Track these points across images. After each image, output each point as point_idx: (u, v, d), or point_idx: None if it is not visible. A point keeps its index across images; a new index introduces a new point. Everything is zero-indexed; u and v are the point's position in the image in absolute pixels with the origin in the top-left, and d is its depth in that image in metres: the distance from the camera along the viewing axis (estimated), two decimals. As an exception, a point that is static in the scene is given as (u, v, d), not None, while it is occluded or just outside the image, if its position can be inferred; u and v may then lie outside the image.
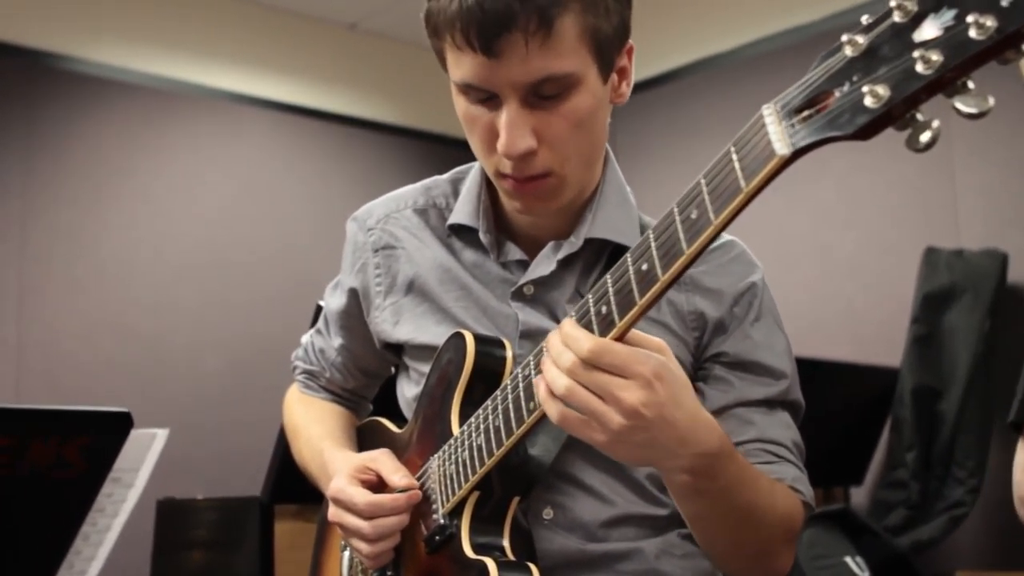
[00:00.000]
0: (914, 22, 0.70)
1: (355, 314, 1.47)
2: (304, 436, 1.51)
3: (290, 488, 2.41)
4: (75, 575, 1.51)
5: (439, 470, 1.25)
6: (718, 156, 0.84)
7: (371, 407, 1.63)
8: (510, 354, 1.25)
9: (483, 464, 1.15)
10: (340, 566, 1.45)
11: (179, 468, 2.83)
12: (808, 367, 1.41)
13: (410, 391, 1.39)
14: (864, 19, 0.74)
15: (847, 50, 0.74)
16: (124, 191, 4.18)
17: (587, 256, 1.30)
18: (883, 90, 0.70)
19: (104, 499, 1.52)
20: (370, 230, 1.43)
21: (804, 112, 0.77)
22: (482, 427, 1.16)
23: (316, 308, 2.02)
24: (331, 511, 1.30)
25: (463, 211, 1.35)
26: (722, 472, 1.05)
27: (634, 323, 0.96)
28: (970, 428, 3.18)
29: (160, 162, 4.28)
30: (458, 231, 1.36)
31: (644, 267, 0.92)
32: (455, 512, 1.21)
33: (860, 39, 0.73)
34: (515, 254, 1.32)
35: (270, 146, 4.60)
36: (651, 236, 0.92)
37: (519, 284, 1.30)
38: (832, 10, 3.87)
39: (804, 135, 0.77)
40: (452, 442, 1.23)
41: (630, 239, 1.28)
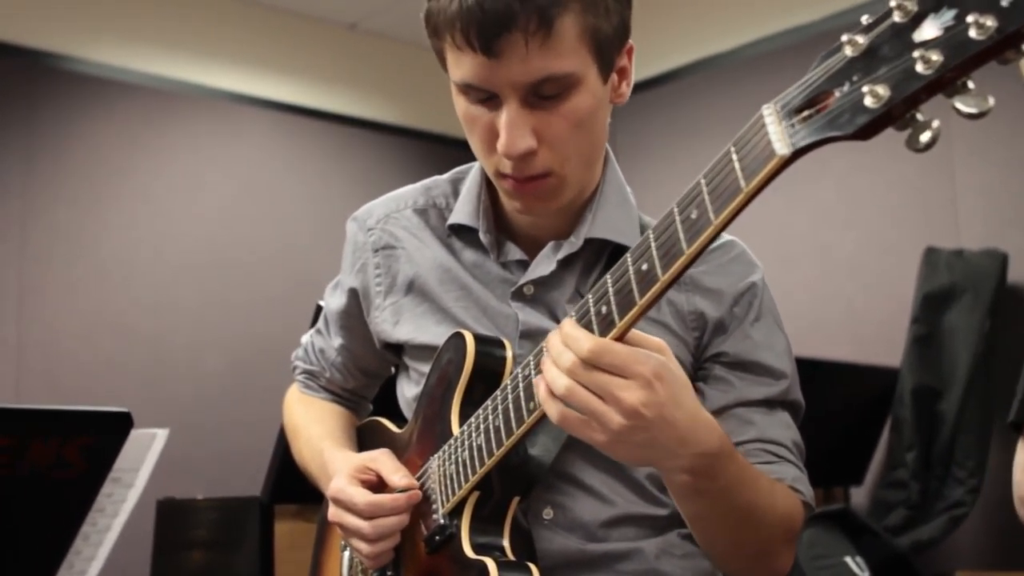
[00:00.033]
0: (914, 22, 0.70)
1: (355, 314, 1.47)
2: (304, 436, 1.51)
3: (290, 488, 2.41)
4: (75, 575, 1.51)
5: (439, 470, 1.25)
6: (718, 156, 0.84)
7: (371, 407, 1.63)
8: (510, 354, 1.25)
9: (483, 464, 1.15)
10: (340, 566, 1.45)
11: (179, 468, 2.83)
12: (808, 367, 1.42)
13: (410, 391, 1.39)
14: (864, 19, 0.74)
15: (847, 50, 0.74)
16: (124, 191, 4.18)
17: (587, 256, 1.30)
18: (883, 90, 0.70)
19: (104, 499, 1.52)
20: (370, 230, 1.43)
21: (804, 112, 0.77)
22: (482, 427, 1.16)
23: (316, 308, 2.02)
24: (331, 511, 1.30)
25: (463, 211, 1.35)
26: (722, 472, 1.05)
27: (634, 323, 0.96)
28: (970, 428, 3.18)
29: (160, 162, 4.28)
30: (458, 231, 1.36)
31: (644, 267, 0.92)
32: (455, 512, 1.21)
33: (860, 39, 0.73)
34: (515, 254, 1.32)
35: (270, 146, 4.60)
36: (651, 236, 0.92)
37: (519, 284, 1.29)
38: (832, 10, 3.87)
39: (804, 135, 0.77)
40: (452, 442, 1.23)
41: (630, 239, 1.28)
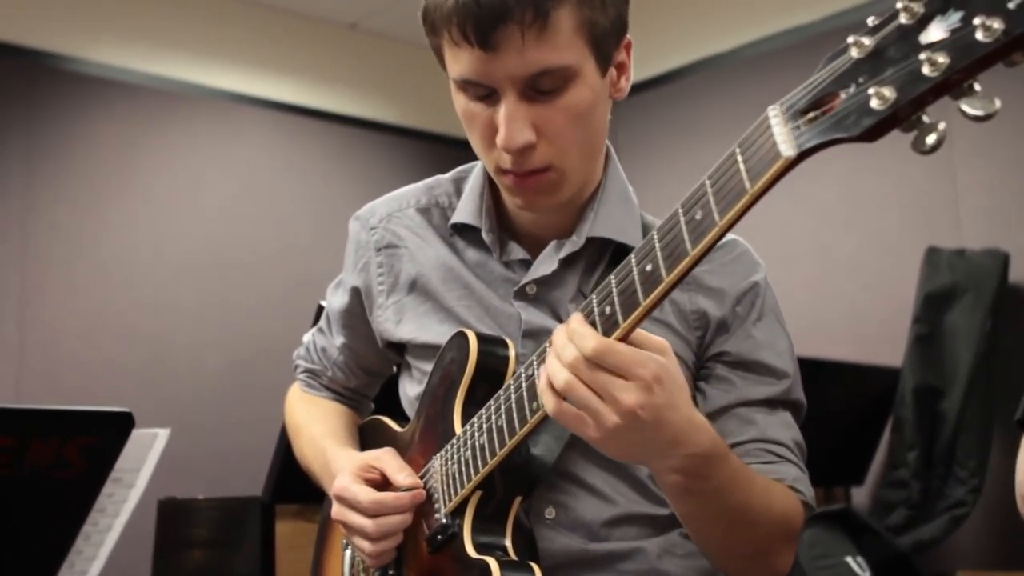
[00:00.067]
0: (920, 24, 0.70)
1: (357, 313, 1.47)
2: (306, 435, 1.51)
3: (291, 488, 2.41)
4: (76, 575, 1.51)
5: (441, 469, 1.25)
6: (723, 157, 0.84)
7: (372, 406, 1.63)
8: (513, 353, 1.25)
9: (485, 464, 1.15)
10: (342, 565, 1.45)
11: (180, 468, 2.83)
12: (809, 367, 1.41)
13: (412, 390, 1.39)
14: (870, 21, 0.74)
15: (853, 52, 0.74)
16: (124, 191, 4.17)
17: (589, 255, 1.30)
18: (889, 92, 0.70)
19: (105, 499, 1.52)
20: (373, 229, 1.43)
21: (810, 114, 0.77)
22: (484, 427, 1.16)
23: (317, 308, 2.02)
24: (334, 509, 1.30)
25: (466, 210, 1.35)
26: (714, 473, 1.06)
27: (638, 324, 0.96)
28: (971, 428, 3.18)
29: (160, 162, 4.28)
30: (461, 230, 1.36)
31: (648, 268, 0.92)
32: (457, 511, 1.21)
33: (866, 41, 0.73)
34: (518, 253, 1.32)
35: (270, 146, 4.59)
36: (655, 237, 0.92)
37: (522, 283, 1.29)
38: (832, 10, 3.87)
39: (810, 137, 0.77)
40: (454, 441, 1.23)
41: (632, 238, 1.29)
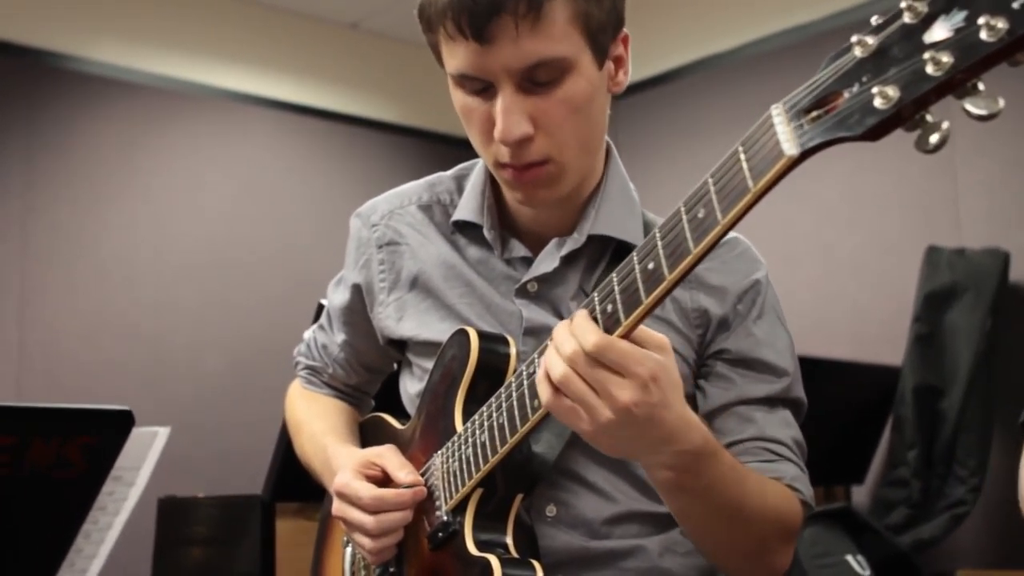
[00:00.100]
0: (924, 23, 0.70)
1: (358, 310, 1.47)
2: (307, 432, 1.51)
3: (291, 486, 2.41)
4: (77, 573, 1.51)
5: (442, 467, 1.25)
6: (726, 155, 0.84)
7: (373, 403, 1.63)
8: (514, 351, 1.25)
9: (487, 461, 1.15)
10: (342, 562, 1.45)
11: (180, 466, 2.83)
12: (809, 365, 1.41)
13: (413, 387, 1.39)
14: (874, 20, 0.74)
15: (857, 51, 0.74)
16: (125, 190, 4.17)
17: (590, 252, 1.30)
18: (893, 91, 0.70)
19: (105, 497, 1.52)
20: (374, 226, 1.43)
21: (813, 112, 0.77)
22: (486, 424, 1.16)
23: (317, 307, 2.02)
24: (335, 505, 1.30)
25: (467, 207, 1.35)
26: (705, 470, 1.06)
27: (640, 322, 0.96)
28: (972, 427, 3.18)
29: (161, 161, 4.27)
30: (462, 227, 1.36)
31: (650, 266, 0.93)
32: (458, 509, 1.21)
33: (870, 40, 0.73)
34: (519, 251, 1.32)
35: (271, 145, 4.59)
36: (657, 235, 0.92)
37: (523, 281, 1.30)
38: (832, 10, 3.87)
39: (813, 136, 0.77)
40: (455, 439, 1.23)
41: (633, 236, 1.29)
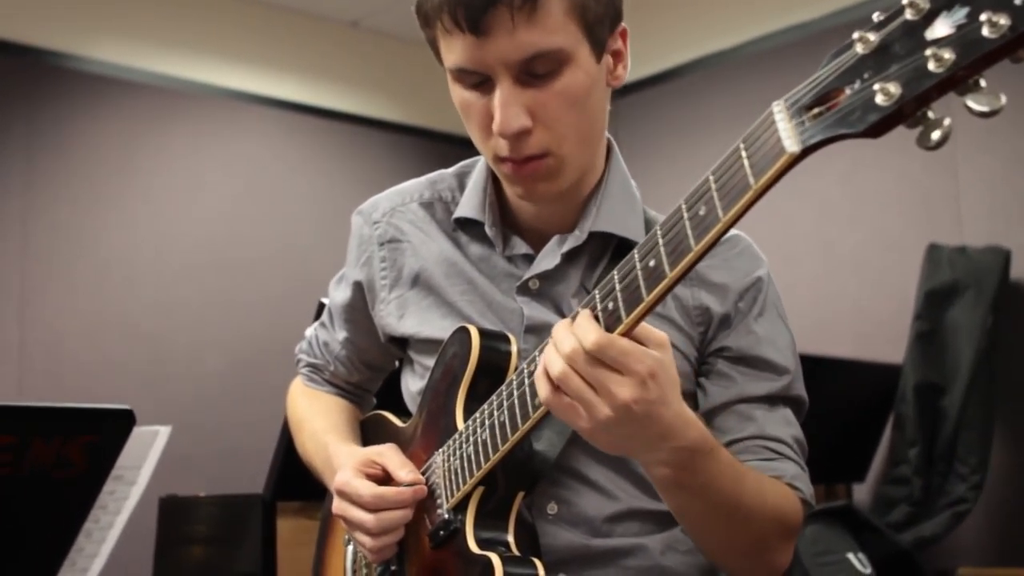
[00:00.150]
0: (926, 20, 0.70)
1: (360, 307, 1.46)
2: (308, 430, 1.51)
3: (292, 485, 2.41)
4: (78, 572, 1.51)
5: (443, 465, 1.25)
6: (727, 153, 0.84)
7: (374, 401, 1.63)
8: (515, 349, 1.25)
9: (488, 460, 1.15)
10: (344, 561, 1.45)
11: (181, 466, 2.83)
12: (810, 363, 1.41)
13: (415, 385, 1.39)
14: (876, 16, 0.74)
15: (858, 47, 0.74)
16: (125, 190, 4.17)
17: (592, 250, 1.30)
18: (894, 88, 0.70)
19: (107, 496, 1.52)
20: (375, 223, 1.43)
21: (814, 109, 0.77)
22: (487, 422, 1.16)
23: (318, 306, 2.02)
24: (335, 503, 1.30)
25: (469, 204, 1.35)
26: (702, 467, 1.06)
27: (641, 319, 0.96)
28: (973, 424, 3.18)
29: (161, 160, 4.27)
30: (464, 225, 1.36)
31: (651, 263, 0.93)
32: (459, 507, 1.21)
33: (872, 36, 0.73)
34: (521, 248, 1.32)
35: (272, 144, 4.59)
36: (658, 232, 0.92)
37: (524, 278, 1.29)
38: (833, 8, 3.86)
39: (814, 132, 0.76)
40: (456, 437, 1.23)
41: (635, 233, 1.29)
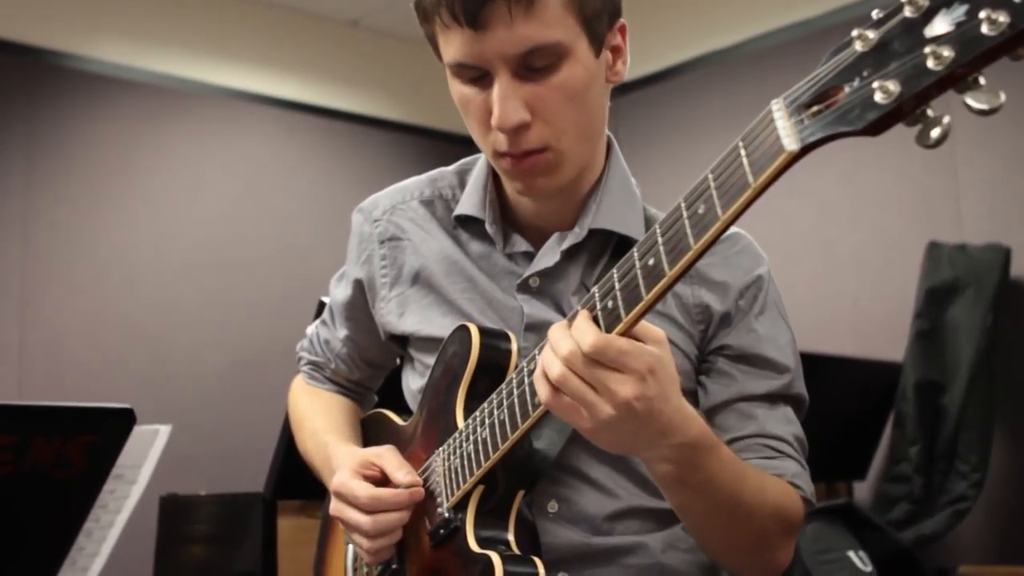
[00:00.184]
0: (925, 17, 0.70)
1: (360, 305, 1.46)
2: (308, 428, 1.51)
3: (293, 484, 2.41)
4: (78, 571, 1.51)
5: (444, 464, 1.25)
6: (726, 151, 0.84)
7: (376, 398, 1.63)
8: (515, 347, 1.25)
9: (488, 458, 1.15)
10: (344, 560, 1.45)
11: (182, 465, 2.83)
12: (811, 362, 1.41)
13: (415, 383, 1.39)
14: (875, 14, 0.74)
15: (857, 45, 0.74)
16: (126, 189, 4.17)
17: (592, 247, 1.30)
18: (893, 86, 0.70)
19: (107, 495, 1.52)
20: (376, 221, 1.42)
21: (813, 107, 0.76)
22: (487, 421, 1.16)
23: (319, 305, 2.02)
24: (332, 505, 1.30)
25: (469, 202, 1.35)
26: (703, 463, 1.06)
27: (640, 318, 0.96)
28: (973, 422, 3.18)
29: (161, 160, 4.27)
30: (464, 222, 1.36)
31: (651, 262, 0.92)
32: (460, 506, 1.21)
33: (871, 34, 0.73)
34: (521, 246, 1.32)
35: (272, 143, 4.59)
36: (658, 231, 0.92)
37: (525, 276, 1.29)
38: (834, 5, 3.86)
39: (813, 131, 0.76)
40: (457, 436, 1.23)
41: (635, 230, 1.29)
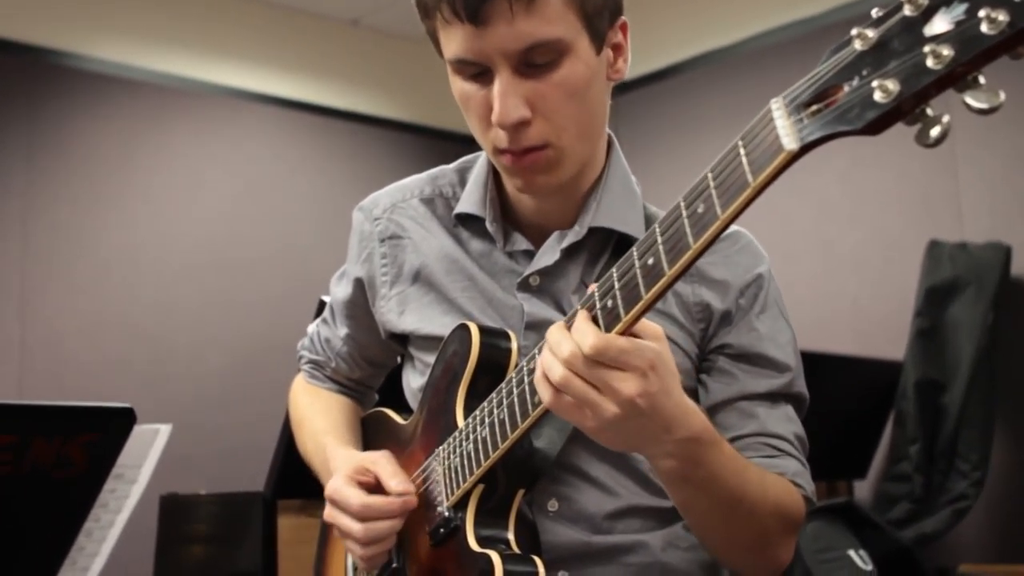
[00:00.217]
0: (925, 16, 0.69)
1: (361, 304, 1.46)
2: (308, 429, 1.51)
3: (293, 483, 2.41)
4: (78, 571, 1.51)
5: (444, 463, 1.25)
6: (725, 150, 0.84)
7: (376, 397, 1.63)
8: (515, 346, 1.25)
9: (488, 458, 1.15)
10: (345, 559, 1.46)
11: (182, 464, 2.83)
12: (811, 361, 1.41)
13: (416, 382, 1.39)
14: (874, 12, 0.74)
15: (857, 44, 0.73)
16: (126, 189, 4.17)
17: (592, 246, 1.30)
18: (892, 85, 0.70)
19: (107, 495, 1.52)
20: (376, 220, 1.42)
21: (813, 106, 0.76)
22: (487, 420, 1.16)
23: (319, 304, 2.02)
24: (327, 511, 1.30)
25: (470, 200, 1.34)
26: (705, 459, 1.06)
27: (640, 317, 0.96)
28: (973, 421, 3.18)
29: (162, 159, 4.28)
30: (465, 220, 1.36)
31: (650, 261, 0.92)
32: (460, 505, 1.21)
33: (870, 33, 0.73)
34: (521, 244, 1.32)
35: (272, 143, 4.59)
36: (657, 230, 0.92)
37: (525, 275, 1.29)
38: (834, 4, 3.86)
39: (812, 130, 0.76)
40: (457, 435, 1.23)
41: (635, 228, 1.28)
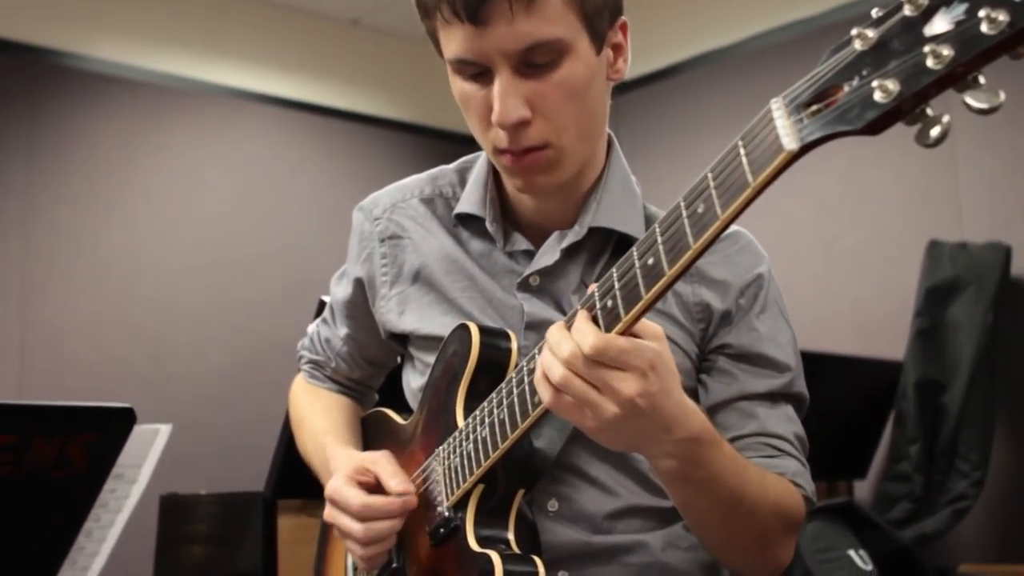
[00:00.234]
0: (925, 16, 0.69)
1: (361, 304, 1.46)
2: (308, 429, 1.51)
3: (293, 483, 2.41)
4: (78, 571, 1.51)
5: (444, 463, 1.25)
6: (725, 150, 0.84)
7: (376, 397, 1.63)
8: (515, 346, 1.25)
9: (488, 458, 1.15)
10: (345, 559, 1.46)
11: (182, 464, 2.84)
12: (811, 360, 1.41)
13: (416, 381, 1.39)
14: (874, 12, 0.74)
15: (857, 44, 0.74)
16: (126, 189, 4.18)
17: (592, 245, 1.30)
18: (892, 85, 0.70)
19: (107, 495, 1.52)
20: (376, 219, 1.42)
21: (813, 106, 0.76)
22: (487, 420, 1.16)
23: (319, 304, 2.02)
24: (327, 511, 1.30)
25: (470, 200, 1.34)
26: (705, 459, 1.06)
27: (640, 318, 0.96)
28: (973, 421, 3.18)
29: (162, 159, 4.28)
30: (465, 220, 1.36)
31: (650, 261, 0.92)
32: (460, 505, 1.21)
33: (870, 33, 0.73)
34: (521, 244, 1.32)
35: (272, 143, 4.59)
36: (657, 230, 0.92)
37: (525, 275, 1.29)
38: (834, 4, 3.86)
39: (812, 130, 0.76)
40: (456, 435, 1.23)
41: (635, 228, 1.28)
